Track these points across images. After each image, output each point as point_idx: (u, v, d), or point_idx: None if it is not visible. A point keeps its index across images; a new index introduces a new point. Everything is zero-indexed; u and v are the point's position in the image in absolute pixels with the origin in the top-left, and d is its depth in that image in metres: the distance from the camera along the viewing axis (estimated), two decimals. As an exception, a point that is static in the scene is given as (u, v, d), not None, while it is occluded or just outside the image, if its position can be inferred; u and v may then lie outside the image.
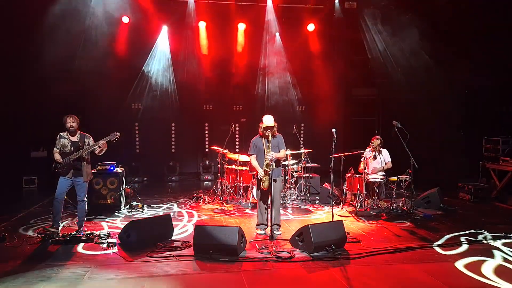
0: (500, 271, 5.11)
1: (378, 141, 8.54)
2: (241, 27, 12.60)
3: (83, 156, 6.46)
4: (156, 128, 12.80)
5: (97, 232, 6.43)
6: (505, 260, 5.52)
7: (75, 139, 6.49)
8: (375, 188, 8.33)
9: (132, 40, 11.84)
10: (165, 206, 8.82)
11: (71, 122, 6.43)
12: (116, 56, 11.65)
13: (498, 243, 6.21)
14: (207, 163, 12.98)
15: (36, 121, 10.74)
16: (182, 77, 12.48)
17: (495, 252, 5.84)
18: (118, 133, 6.60)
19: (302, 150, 9.36)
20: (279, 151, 6.64)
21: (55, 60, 10.64)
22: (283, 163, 8.69)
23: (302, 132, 13.24)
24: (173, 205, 8.95)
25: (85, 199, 6.61)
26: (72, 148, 6.43)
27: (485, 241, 6.34)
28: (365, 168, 8.38)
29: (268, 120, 6.57)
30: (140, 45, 11.97)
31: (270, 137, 6.43)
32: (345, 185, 8.98)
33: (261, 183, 6.55)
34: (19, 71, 10.44)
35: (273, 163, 6.40)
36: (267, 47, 12.77)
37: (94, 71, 11.11)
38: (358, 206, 8.24)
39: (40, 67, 10.43)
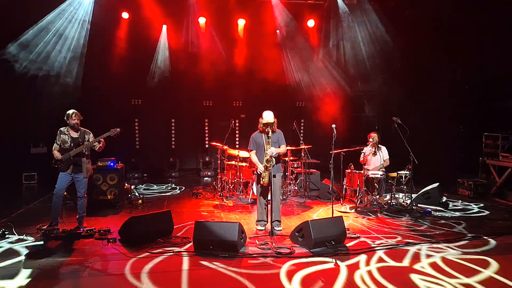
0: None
1: (377, 136, 8.54)
2: (241, 22, 12.57)
3: (83, 152, 6.45)
4: (156, 124, 12.80)
5: (97, 228, 6.43)
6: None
7: (75, 135, 6.49)
8: (375, 184, 8.34)
9: (132, 36, 11.83)
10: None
11: (76, 119, 6.43)
12: (116, 52, 11.63)
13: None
14: (207, 159, 12.98)
15: (36, 117, 10.73)
16: (182, 72, 12.46)
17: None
18: (118, 129, 6.60)
19: (302, 146, 9.36)
20: (279, 147, 6.65)
21: (54, 57, 10.68)
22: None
23: (302, 128, 13.23)
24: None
25: (85, 195, 6.62)
26: (72, 144, 6.42)
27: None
28: (364, 164, 8.39)
29: (268, 116, 6.57)
30: (139, 40, 11.93)
31: (270, 133, 6.43)
32: (345, 181, 8.99)
33: (261, 178, 6.56)
34: (19, 66, 10.41)
35: (273, 159, 6.40)
36: (267, 42, 12.75)
37: (94, 67, 11.11)
38: (358, 202, 8.25)
39: (40, 63, 10.45)
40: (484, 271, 5.03)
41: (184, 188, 10.52)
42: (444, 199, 8.73)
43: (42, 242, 5.97)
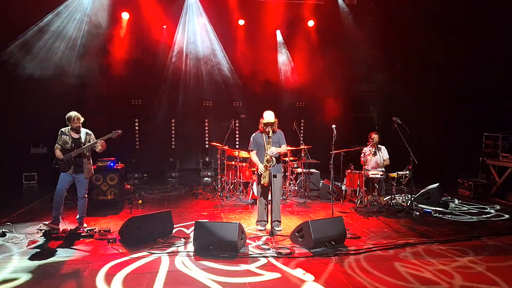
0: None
1: (377, 136, 8.54)
2: (241, 23, 12.57)
3: (84, 153, 6.46)
4: (156, 124, 12.79)
5: (97, 228, 6.44)
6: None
7: (76, 136, 6.50)
8: (375, 184, 8.34)
9: (132, 36, 11.82)
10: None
11: (78, 122, 6.44)
12: (116, 52, 11.62)
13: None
14: (207, 159, 12.97)
15: (36, 117, 10.73)
16: (182, 72, 12.46)
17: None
18: (120, 131, 6.62)
19: (302, 146, 9.36)
20: (280, 147, 6.65)
21: (54, 57, 10.69)
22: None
23: (302, 128, 13.23)
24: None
25: (86, 196, 6.62)
26: (73, 145, 6.43)
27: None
28: (364, 165, 8.39)
29: (269, 115, 6.58)
30: (139, 40, 11.92)
31: (270, 132, 6.44)
32: (345, 181, 8.99)
33: (262, 178, 6.56)
34: (19, 67, 10.42)
35: (274, 159, 6.40)
36: (267, 42, 12.77)
37: (93, 67, 11.11)
38: (358, 202, 8.25)
39: (39, 63, 10.46)
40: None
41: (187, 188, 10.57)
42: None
43: (42, 242, 5.97)
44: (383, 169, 8.50)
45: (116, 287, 4.55)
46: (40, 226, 6.45)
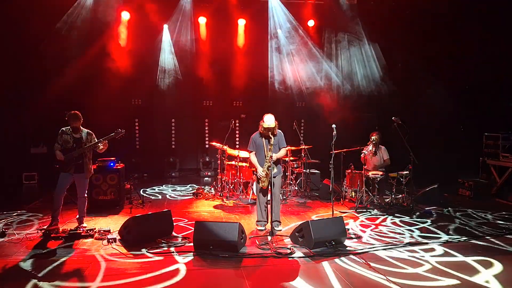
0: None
1: (378, 136, 8.53)
2: (241, 22, 12.57)
3: (85, 153, 6.46)
4: (156, 124, 12.79)
5: (97, 228, 6.43)
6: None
7: (77, 135, 6.49)
8: (375, 184, 8.33)
9: (132, 36, 11.83)
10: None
11: (76, 122, 6.43)
12: (116, 52, 11.62)
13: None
14: (207, 159, 12.98)
15: (36, 117, 10.74)
16: (182, 72, 12.46)
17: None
18: (123, 131, 6.62)
19: (302, 146, 9.36)
20: (279, 149, 6.63)
21: (54, 56, 10.69)
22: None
23: (302, 128, 13.22)
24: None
25: (85, 195, 6.62)
26: (74, 145, 6.42)
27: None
28: (364, 165, 8.39)
29: (269, 120, 6.47)
30: (140, 40, 11.93)
31: (272, 139, 6.31)
32: (345, 181, 8.99)
33: (261, 182, 6.54)
34: (19, 66, 10.42)
35: (273, 164, 6.37)
36: (267, 42, 12.77)
37: (94, 66, 11.12)
38: (358, 202, 8.25)
39: (39, 63, 10.46)
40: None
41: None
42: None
43: (42, 242, 5.97)
44: (383, 169, 8.51)
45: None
46: (40, 226, 6.44)
